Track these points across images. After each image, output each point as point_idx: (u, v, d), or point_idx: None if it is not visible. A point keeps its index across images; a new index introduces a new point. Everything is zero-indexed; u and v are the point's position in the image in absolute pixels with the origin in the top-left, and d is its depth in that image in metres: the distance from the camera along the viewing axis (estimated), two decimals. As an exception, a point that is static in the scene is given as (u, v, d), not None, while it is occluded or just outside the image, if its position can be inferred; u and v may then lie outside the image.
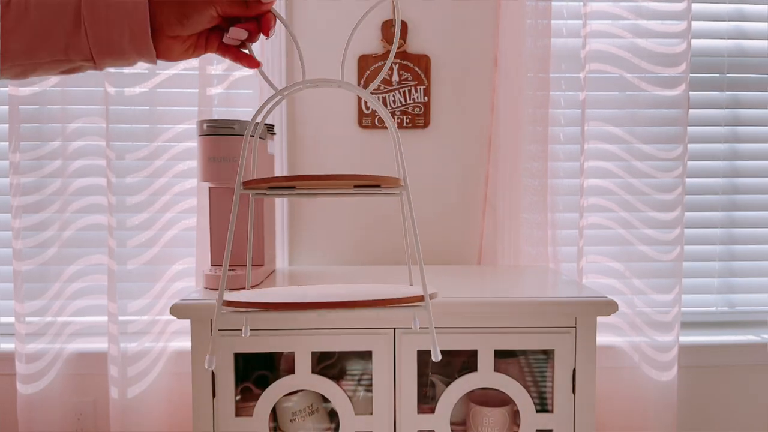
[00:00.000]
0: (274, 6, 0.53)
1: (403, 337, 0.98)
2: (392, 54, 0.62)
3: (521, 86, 1.33)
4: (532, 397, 1.00)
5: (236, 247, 1.16)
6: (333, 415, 1.07)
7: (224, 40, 0.55)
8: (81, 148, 1.33)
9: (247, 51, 0.56)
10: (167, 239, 1.33)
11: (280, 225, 1.35)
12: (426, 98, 1.38)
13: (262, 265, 1.14)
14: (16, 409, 1.32)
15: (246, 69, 1.32)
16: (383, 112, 0.57)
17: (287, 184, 0.53)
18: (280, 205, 1.35)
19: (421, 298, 0.53)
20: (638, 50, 1.35)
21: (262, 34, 0.54)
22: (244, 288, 1.06)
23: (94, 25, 0.48)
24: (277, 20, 0.56)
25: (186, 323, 0.98)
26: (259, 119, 0.58)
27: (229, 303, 0.57)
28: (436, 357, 0.53)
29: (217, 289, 1.04)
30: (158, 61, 0.52)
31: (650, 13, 1.34)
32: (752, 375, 1.44)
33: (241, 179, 0.56)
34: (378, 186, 0.56)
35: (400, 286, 0.60)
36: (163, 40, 0.51)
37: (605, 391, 1.38)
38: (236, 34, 0.53)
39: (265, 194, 0.59)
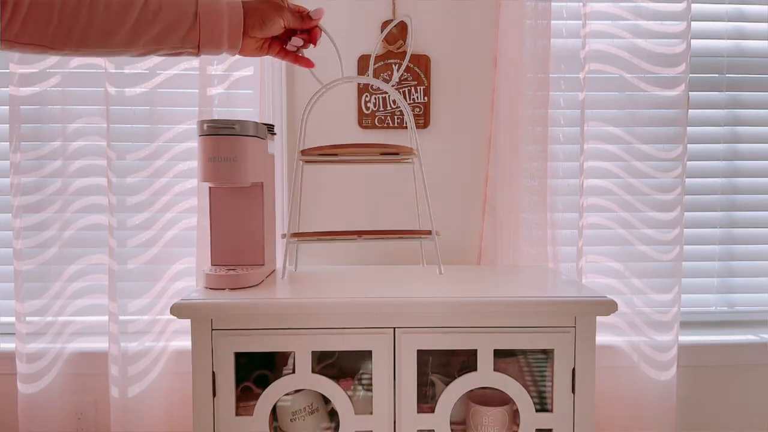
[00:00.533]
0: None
1: (403, 337, 0.98)
2: (408, 56, 0.81)
3: (521, 86, 1.33)
4: (532, 397, 1.01)
5: (236, 247, 1.16)
6: (333, 415, 1.08)
7: (287, 46, 0.81)
8: (81, 148, 1.33)
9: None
10: (168, 239, 1.34)
11: (281, 225, 1.35)
12: (426, 98, 1.38)
13: (262, 265, 1.14)
14: (16, 408, 1.32)
15: (246, 70, 1.34)
16: (401, 102, 0.90)
17: (332, 152, 0.80)
18: (281, 205, 1.35)
19: (429, 232, 0.87)
20: (638, 50, 1.35)
21: (311, 43, 0.82)
22: (246, 288, 1.07)
23: (206, 25, 0.70)
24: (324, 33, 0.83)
25: (186, 323, 0.99)
26: (308, 111, 0.89)
27: (296, 234, 0.84)
28: (441, 272, 0.90)
29: (218, 289, 1.05)
30: (231, 54, 0.76)
31: (650, 14, 1.34)
32: (751, 375, 1.44)
33: (301, 148, 0.83)
34: (397, 154, 0.73)
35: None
36: (245, 39, 0.74)
37: (605, 391, 1.38)
38: (296, 42, 0.80)
39: (315, 161, 0.84)
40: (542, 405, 1.09)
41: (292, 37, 0.78)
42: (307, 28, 0.80)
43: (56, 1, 0.62)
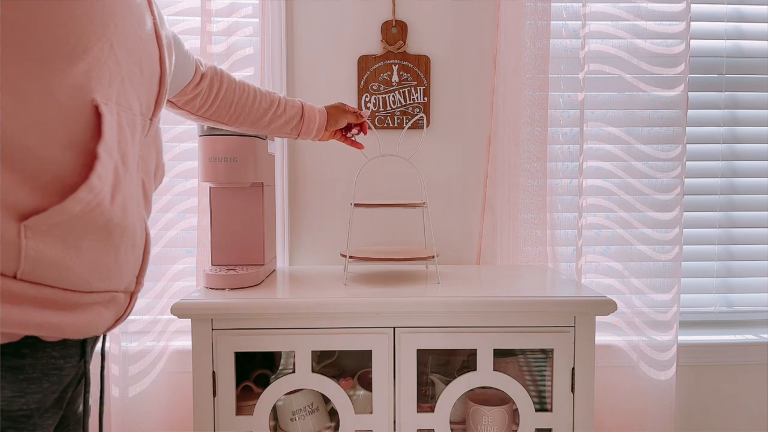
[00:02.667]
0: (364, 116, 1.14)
1: (402, 337, 0.99)
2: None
3: (520, 87, 1.33)
4: (531, 396, 1.01)
5: (236, 247, 1.17)
6: (333, 414, 1.08)
7: (348, 135, 1.16)
8: (82, 148, 1.33)
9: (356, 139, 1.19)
10: (168, 239, 1.34)
11: (281, 225, 1.35)
12: (426, 99, 1.38)
13: (262, 265, 1.15)
14: (17, 408, 1.32)
15: (246, 70, 1.34)
16: (422, 181, 1.19)
17: (374, 205, 1.13)
18: (281, 205, 1.35)
19: (432, 256, 1.13)
20: (637, 51, 1.35)
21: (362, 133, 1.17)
22: (246, 288, 1.08)
23: (307, 123, 1.07)
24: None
25: (187, 323, 0.99)
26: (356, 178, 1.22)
27: (352, 256, 1.13)
28: (438, 281, 1.14)
29: (218, 289, 1.05)
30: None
31: (649, 14, 1.34)
32: (750, 374, 1.45)
33: (354, 201, 1.16)
34: (412, 205, 1.13)
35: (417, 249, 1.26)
36: (325, 131, 1.11)
37: (604, 390, 1.38)
38: (354, 132, 1.16)
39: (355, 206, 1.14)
40: (542, 404, 1.09)
41: (352, 129, 1.16)
42: (359, 123, 1.15)
43: (235, 99, 0.97)
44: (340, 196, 1.40)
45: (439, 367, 1.24)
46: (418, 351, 0.99)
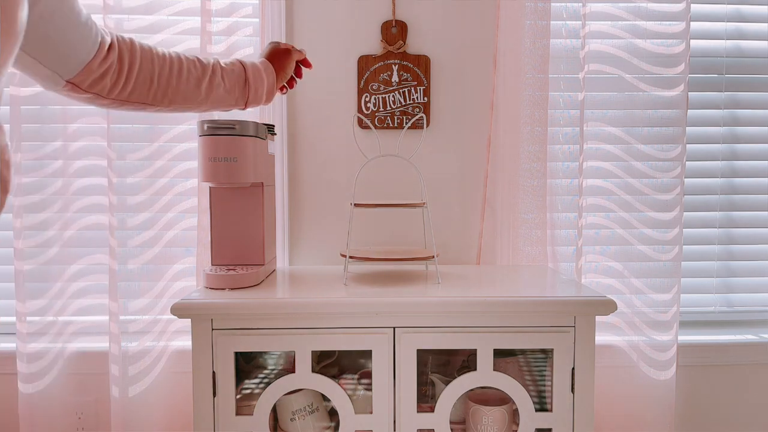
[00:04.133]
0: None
1: (402, 337, 0.99)
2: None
3: (520, 87, 1.33)
4: (531, 397, 1.01)
5: (236, 247, 1.17)
6: (333, 414, 1.08)
7: (284, 90, 1.07)
8: (82, 148, 1.33)
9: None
10: (168, 239, 1.34)
11: (281, 225, 1.35)
12: (426, 99, 1.38)
13: (262, 265, 1.15)
14: (17, 408, 1.32)
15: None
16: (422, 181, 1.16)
17: (371, 204, 1.11)
18: (281, 205, 1.35)
19: (432, 256, 1.12)
20: (637, 51, 1.35)
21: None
22: (246, 287, 1.08)
23: (254, 90, 0.93)
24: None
25: (187, 323, 0.99)
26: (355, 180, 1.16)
27: (352, 256, 1.11)
28: (438, 281, 1.13)
29: (218, 289, 1.05)
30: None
31: (649, 14, 1.34)
32: (751, 374, 1.45)
33: (354, 201, 1.11)
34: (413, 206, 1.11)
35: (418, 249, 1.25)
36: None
37: (604, 391, 1.38)
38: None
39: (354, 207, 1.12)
40: (542, 404, 1.09)
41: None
42: (303, 58, 1.06)
43: (155, 70, 0.81)
44: (340, 196, 1.40)
45: (439, 367, 1.24)
46: (418, 351, 0.99)
